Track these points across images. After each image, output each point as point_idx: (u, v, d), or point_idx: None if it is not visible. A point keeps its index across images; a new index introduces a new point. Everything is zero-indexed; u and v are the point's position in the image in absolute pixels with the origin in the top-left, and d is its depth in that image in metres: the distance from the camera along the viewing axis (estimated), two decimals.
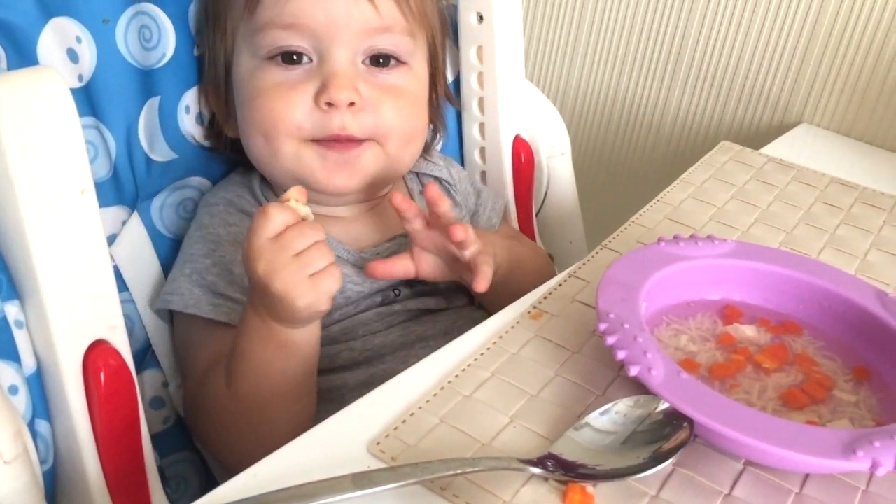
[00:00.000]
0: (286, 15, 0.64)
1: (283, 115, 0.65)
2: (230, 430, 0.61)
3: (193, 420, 0.65)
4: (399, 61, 0.68)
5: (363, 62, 0.67)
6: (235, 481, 0.45)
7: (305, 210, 0.57)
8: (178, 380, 0.70)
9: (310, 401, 0.62)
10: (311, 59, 0.65)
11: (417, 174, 0.78)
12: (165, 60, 0.68)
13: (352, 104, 0.64)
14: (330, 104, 0.64)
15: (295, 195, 0.57)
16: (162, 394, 0.69)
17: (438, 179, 0.78)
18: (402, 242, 0.71)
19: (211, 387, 0.62)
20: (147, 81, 0.67)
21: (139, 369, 0.68)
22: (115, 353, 0.49)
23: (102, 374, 0.49)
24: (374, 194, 0.72)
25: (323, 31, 0.64)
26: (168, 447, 0.70)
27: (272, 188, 0.72)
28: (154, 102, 0.68)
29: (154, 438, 0.68)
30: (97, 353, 0.49)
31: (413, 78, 0.70)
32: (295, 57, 0.65)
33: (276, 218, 0.55)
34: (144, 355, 0.68)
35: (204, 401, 0.63)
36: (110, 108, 0.65)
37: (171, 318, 0.69)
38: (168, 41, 0.68)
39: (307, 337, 0.59)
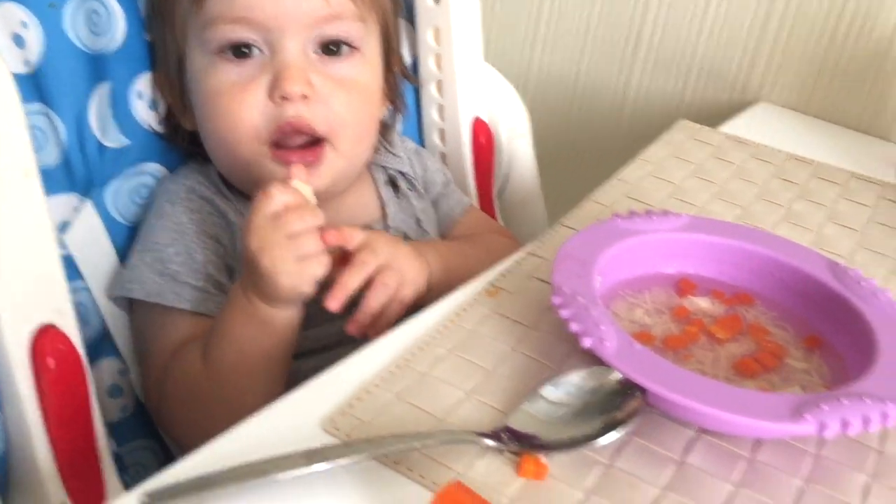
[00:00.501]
0: (235, 8, 0.64)
1: (240, 117, 0.65)
2: (200, 412, 0.61)
3: (157, 404, 0.65)
4: (351, 47, 0.68)
5: (314, 52, 0.66)
6: (189, 460, 0.44)
7: (307, 190, 0.59)
8: (139, 367, 0.69)
9: (282, 384, 0.63)
10: (261, 51, 0.65)
11: (383, 167, 0.78)
12: (116, 45, 0.67)
13: (304, 97, 0.64)
14: (284, 98, 0.64)
15: (300, 176, 0.58)
16: (120, 382, 0.69)
17: (401, 173, 0.78)
18: None
19: (182, 367, 0.62)
20: (97, 67, 0.67)
21: (96, 357, 0.67)
22: (64, 338, 0.49)
23: (51, 360, 0.48)
24: (336, 192, 0.72)
25: (272, 23, 0.64)
26: (127, 435, 0.69)
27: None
28: (105, 88, 0.67)
29: (112, 427, 0.68)
30: (45, 338, 0.48)
31: (366, 66, 0.69)
32: (245, 49, 0.65)
33: (276, 198, 0.57)
34: (101, 343, 0.68)
35: (173, 383, 0.62)
36: (59, 94, 0.64)
37: (129, 305, 0.69)
38: (117, 26, 0.67)
39: (287, 318, 0.60)
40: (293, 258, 0.56)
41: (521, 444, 0.45)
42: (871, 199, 0.80)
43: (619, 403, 0.46)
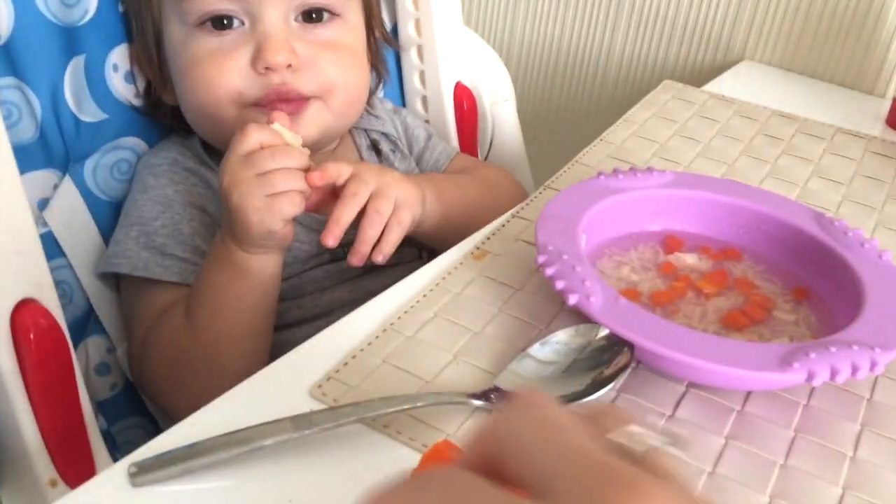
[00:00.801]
0: None
1: (220, 81, 0.63)
2: (183, 371, 0.61)
3: (140, 370, 0.64)
4: (332, 13, 0.67)
5: (296, 19, 0.65)
6: (175, 431, 0.44)
7: (290, 135, 0.58)
8: (125, 345, 0.69)
9: (265, 343, 0.62)
10: (242, 23, 0.64)
11: (365, 130, 0.77)
12: (88, 17, 0.66)
13: (289, 66, 0.63)
14: (268, 68, 0.63)
15: (282, 120, 0.58)
16: (107, 360, 0.68)
17: (384, 135, 0.77)
18: None
19: (164, 326, 0.61)
20: (70, 39, 0.65)
21: (82, 335, 0.66)
22: (45, 312, 0.48)
23: (32, 334, 0.47)
24: (320, 149, 0.71)
25: None
26: (117, 413, 0.68)
27: (215, 149, 0.70)
28: (79, 61, 0.66)
29: (102, 405, 0.67)
30: (25, 311, 0.47)
31: (348, 30, 0.68)
32: (225, 21, 0.64)
33: (251, 136, 0.56)
34: (87, 321, 0.67)
35: (156, 343, 0.62)
36: (33, 68, 0.63)
37: (116, 282, 0.68)
38: None
39: (263, 266, 0.59)
40: (262, 194, 0.55)
41: None
42: (857, 153, 0.79)
43: (606, 360, 0.46)
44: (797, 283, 0.56)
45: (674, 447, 0.25)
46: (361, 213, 0.60)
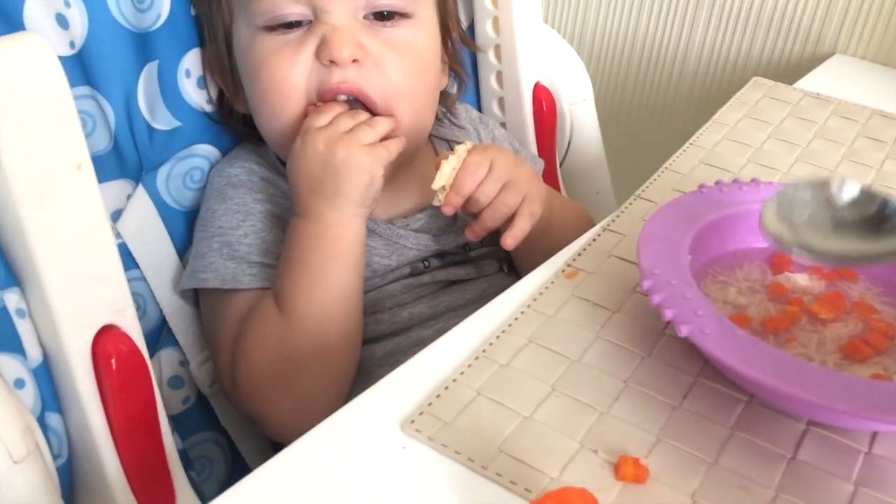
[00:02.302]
0: None
1: (286, 75, 0.61)
2: (287, 367, 0.58)
3: (235, 381, 0.61)
4: (403, 15, 0.64)
5: (365, 17, 0.62)
6: (264, 469, 0.41)
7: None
8: (199, 357, 0.67)
9: (360, 328, 0.61)
10: (310, 22, 0.62)
11: (447, 141, 0.74)
12: (161, 22, 0.64)
13: (355, 61, 0.60)
14: (332, 62, 0.60)
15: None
16: (181, 373, 0.66)
17: None
18: (432, 213, 0.68)
19: (258, 329, 0.59)
20: (143, 45, 0.63)
21: (155, 349, 0.65)
22: (126, 338, 0.46)
23: (114, 361, 0.46)
24: (399, 163, 0.68)
25: None
26: (190, 428, 0.67)
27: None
28: (152, 67, 0.64)
29: (175, 420, 0.65)
30: (106, 338, 0.45)
31: (420, 30, 0.65)
32: (293, 23, 0.62)
33: (327, 110, 0.60)
34: (160, 334, 0.65)
35: (252, 349, 0.59)
36: (106, 76, 0.61)
37: (194, 295, 0.66)
38: (162, 1, 0.64)
39: (357, 234, 0.60)
40: (360, 145, 0.58)
41: None
42: None
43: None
44: None
45: None
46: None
